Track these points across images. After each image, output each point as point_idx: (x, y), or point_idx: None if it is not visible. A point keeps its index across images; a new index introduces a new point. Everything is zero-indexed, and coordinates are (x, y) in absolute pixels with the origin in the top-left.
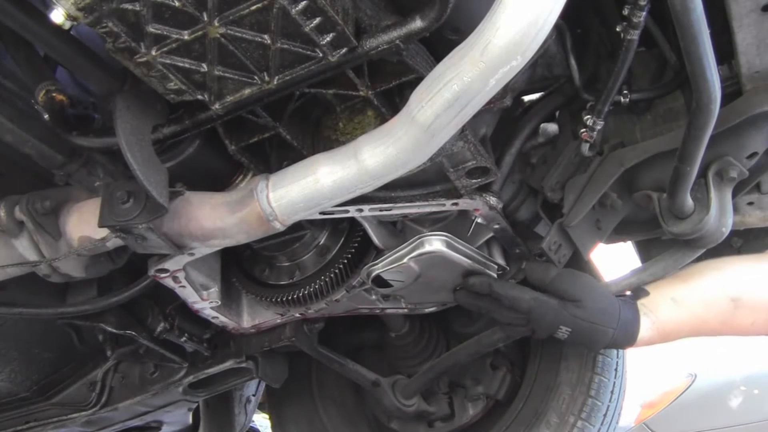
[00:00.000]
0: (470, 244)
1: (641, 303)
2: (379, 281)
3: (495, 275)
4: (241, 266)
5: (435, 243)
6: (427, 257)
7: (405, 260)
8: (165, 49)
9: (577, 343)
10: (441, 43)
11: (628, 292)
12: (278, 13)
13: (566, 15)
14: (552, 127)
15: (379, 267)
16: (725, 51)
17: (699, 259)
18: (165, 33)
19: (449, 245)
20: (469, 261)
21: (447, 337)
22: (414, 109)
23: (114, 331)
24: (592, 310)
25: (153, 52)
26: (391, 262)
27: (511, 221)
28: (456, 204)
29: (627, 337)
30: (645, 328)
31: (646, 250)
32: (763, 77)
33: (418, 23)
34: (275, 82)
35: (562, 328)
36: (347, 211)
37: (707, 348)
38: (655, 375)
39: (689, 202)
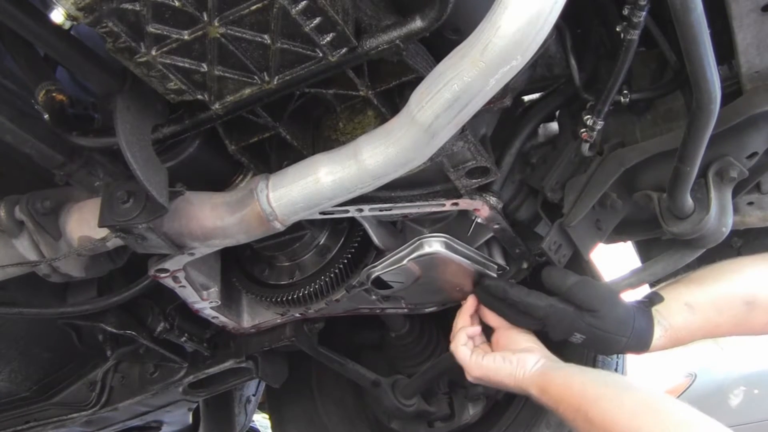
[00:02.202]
0: (470, 244)
1: (656, 310)
2: (379, 283)
3: (495, 275)
4: (241, 266)
5: (434, 244)
6: (427, 258)
7: (404, 262)
8: (165, 49)
9: (590, 348)
10: (441, 43)
11: (643, 298)
12: (278, 13)
13: (566, 15)
14: (552, 127)
15: (379, 269)
16: (725, 51)
17: (699, 259)
18: (165, 33)
19: (449, 246)
20: (468, 262)
21: (447, 337)
22: (414, 109)
23: (114, 331)
24: (608, 320)
25: (153, 52)
26: (390, 264)
27: (511, 221)
28: (456, 204)
29: (640, 344)
30: (657, 336)
31: (646, 250)
32: (763, 77)
33: (418, 23)
34: (275, 82)
35: (577, 335)
36: (347, 211)
37: (707, 348)
38: (655, 375)
39: (689, 202)
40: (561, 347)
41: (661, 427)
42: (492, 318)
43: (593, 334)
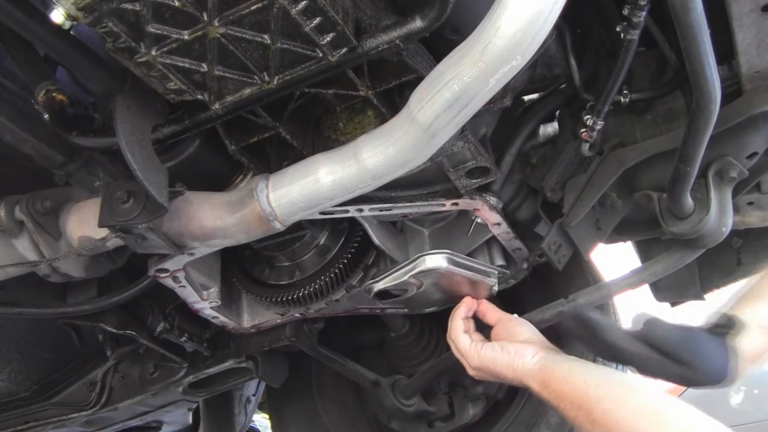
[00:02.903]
0: (470, 244)
1: (732, 339)
2: (382, 294)
3: (495, 280)
4: (241, 266)
5: (436, 260)
6: (428, 273)
7: (406, 278)
8: (165, 49)
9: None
10: (441, 43)
11: (723, 324)
12: (278, 13)
13: (566, 15)
14: (552, 127)
15: (381, 285)
16: (725, 51)
17: (699, 259)
18: (165, 33)
19: (450, 261)
20: (470, 273)
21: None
22: (414, 109)
23: (114, 331)
24: (699, 372)
25: (153, 52)
26: (392, 280)
27: (511, 221)
28: (456, 204)
29: (718, 379)
30: (733, 367)
31: (646, 250)
32: (763, 77)
33: (418, 23)
34: (275, 82)
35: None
36: (347, 211)
37: None
38: None
39: (689, 202)
40: (561, 347)
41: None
42: (491, 315)
43: (680, 381)
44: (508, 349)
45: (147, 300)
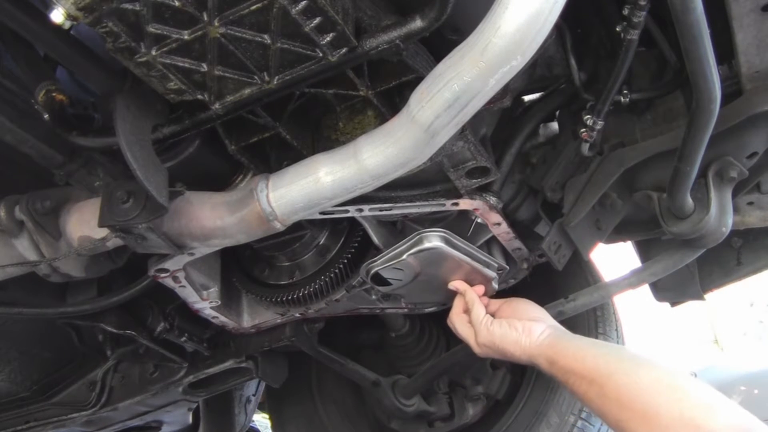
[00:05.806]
0: (470, 243)
1: None
2: (379, 279)
3: (495, 274)
4: (241, 266)
5: (434, 239)
6: (426, 254)
7: (404, 257)
8: (165, 49)
9: None
10: (441, 43)
11: None
12: (278, 13)
13: (566, 15)
14: (552, 127)
15: (378, 264)
16: (725, 51)
17: (699, 260)
18: (165, 33)
19: (448, 242)
20: (468, 258)
21: (447, 337)
22: (414, 109)
23: (114, 331)
24: None
25: (153, 52)
26: (389, 259)
27: (511, 221)
28: (456, 204)
29: None
30: None
31: (646, 250)
32: (763, 77)
33: (418, 23)
34: (275, 82)
35: None
36: (347, 211)
37: (707, 348)
38: None
39: (689, 202)
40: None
41: (679, 406)
42: (493, 306)
43: None
44: (516, 326)
45: (147, 300)
